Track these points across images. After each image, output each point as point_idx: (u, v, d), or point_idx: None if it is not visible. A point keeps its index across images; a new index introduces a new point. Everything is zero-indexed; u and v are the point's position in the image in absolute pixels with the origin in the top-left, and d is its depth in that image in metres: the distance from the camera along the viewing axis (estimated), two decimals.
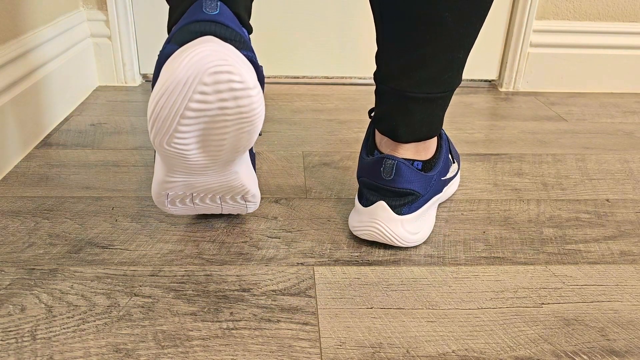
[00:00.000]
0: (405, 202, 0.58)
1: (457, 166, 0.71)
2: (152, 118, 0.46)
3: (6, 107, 0.75)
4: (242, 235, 0.63)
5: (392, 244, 0.59)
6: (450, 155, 0.67)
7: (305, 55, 1.17)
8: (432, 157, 0.62)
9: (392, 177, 0.57)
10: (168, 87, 0.44)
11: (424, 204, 0.60)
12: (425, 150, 0.61)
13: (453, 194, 0.73)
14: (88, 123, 0.94)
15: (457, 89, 1.15)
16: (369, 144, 0.62)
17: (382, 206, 0.58)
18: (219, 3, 0.48)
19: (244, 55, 0.47)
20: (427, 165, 0.61)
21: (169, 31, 0.52)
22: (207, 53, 0.43)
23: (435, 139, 0.62)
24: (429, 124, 0.59)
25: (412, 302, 0.53)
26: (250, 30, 0.53)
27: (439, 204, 0.70)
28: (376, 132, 0.62)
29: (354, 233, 0.61)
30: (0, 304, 0.51)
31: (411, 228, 0.59)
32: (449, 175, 0.66)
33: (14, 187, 0.72)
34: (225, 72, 0.43)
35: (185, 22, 0.47)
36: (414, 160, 0.60)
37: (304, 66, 1.18)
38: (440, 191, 0.64)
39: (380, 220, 0.58)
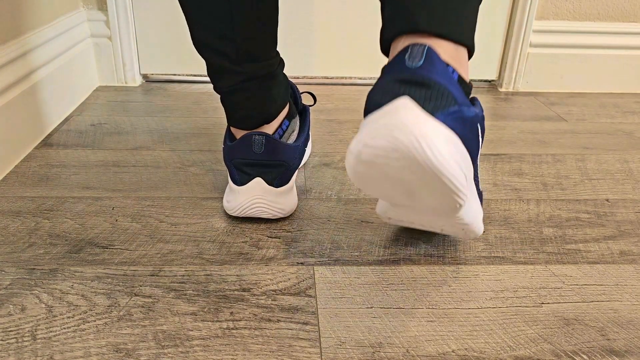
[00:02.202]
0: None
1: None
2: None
3: (6, 107, 0.76)
4: (242, 235, 0.63)
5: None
6: None
7: (305, 55, 1.17)
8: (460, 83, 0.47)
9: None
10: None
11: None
12: (460, 59, 0.47)
13: None
14: (88, 123, 0.94)
15: None
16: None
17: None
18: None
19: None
20: (466, 86, 0.48)
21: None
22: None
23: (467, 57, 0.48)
24: (458, 13, 0.46)
25: (412, 301, 0.53)
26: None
27: None
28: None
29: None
30: (1, 303, 0.51)
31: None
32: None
33: (14, 187, 0.72)
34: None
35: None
36: (451, 67, 0.46)
37: (304, 66, 1.19)
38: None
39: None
